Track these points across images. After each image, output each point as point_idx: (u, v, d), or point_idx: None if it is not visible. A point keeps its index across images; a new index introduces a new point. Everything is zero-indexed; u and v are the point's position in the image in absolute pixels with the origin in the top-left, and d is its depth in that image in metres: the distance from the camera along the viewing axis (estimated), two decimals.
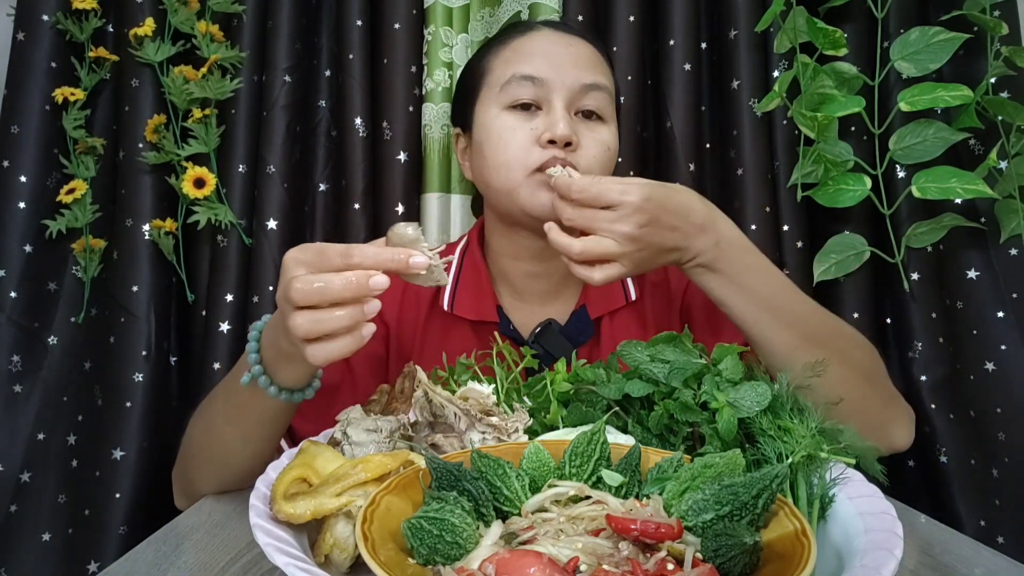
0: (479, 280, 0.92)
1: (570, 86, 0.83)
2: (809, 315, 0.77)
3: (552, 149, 0.80)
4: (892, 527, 0.45)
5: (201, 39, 1.16)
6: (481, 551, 0.41)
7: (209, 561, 0.56)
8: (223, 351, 1.13)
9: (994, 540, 1.04)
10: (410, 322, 0.92)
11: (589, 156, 0.83)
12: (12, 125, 1.15)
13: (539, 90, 0.83)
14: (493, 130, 0.84)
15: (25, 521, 1.12)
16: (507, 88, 0.84)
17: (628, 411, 0.63)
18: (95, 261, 1.17)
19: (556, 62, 0.83)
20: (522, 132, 0.82)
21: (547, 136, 0.80)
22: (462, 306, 0.91)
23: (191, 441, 0.77)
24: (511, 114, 0.84)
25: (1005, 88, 1.08)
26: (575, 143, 0.81)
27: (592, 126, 0.84)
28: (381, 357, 0.91)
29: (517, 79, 0.83)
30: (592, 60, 0.86)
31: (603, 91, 0.85)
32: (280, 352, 0.61)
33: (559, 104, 0.82)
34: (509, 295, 0.94)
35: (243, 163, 1.17)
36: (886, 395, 0.82)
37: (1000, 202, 1.07)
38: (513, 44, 0.87)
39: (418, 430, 0.62)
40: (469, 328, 0.90)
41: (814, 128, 1.06)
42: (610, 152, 0.85)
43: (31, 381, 1.15)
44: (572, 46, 0.86)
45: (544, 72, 0.83)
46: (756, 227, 1.15)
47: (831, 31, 1.07)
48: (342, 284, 0.53)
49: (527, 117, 0.83)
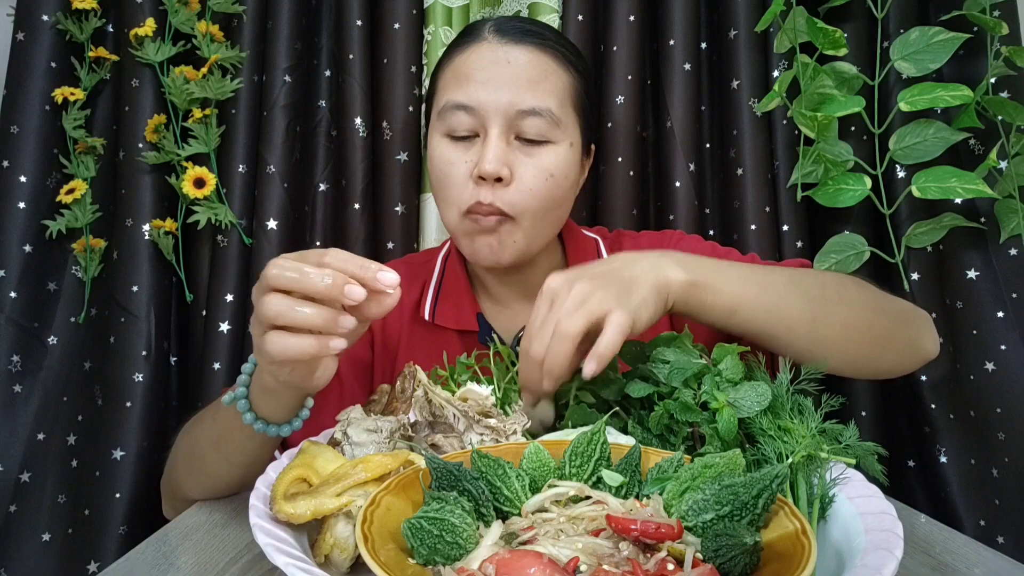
0: (459, 288, 0.91)
1: (504, 112, 0.78)
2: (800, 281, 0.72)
3: (483, 185, 0.78)
4: (892, 527, 0.45)
5: (201, 39, 1.16)
6: (481, 551, 0.41)
7: (209, 561, 0.56)
8: (223, 351, 1.13)
9: (994, 540, 1.04)
10: (394, 332, 0.92)
11: (524, 189, 0.79)
12: (12, 125, 1.15)
13: (473, 119, 0.79)
14: (435, 160, 0.83)
15: (25, 521, 1.12)
16: (444, 116, 0.81)
17: (628, 411, 0.63)
18: (95, 261, 1.17)
19: (492, 85, 0.79)
20: (458, 167, 0.80)
21: (476, 172, 0.78)
22: (443, 315, 0.90)
23: (177, 458, 0.76)
24: (449, 144, 0.82)
25: (1005, 88, 1.08)
26: (507, 177, 0.78)
27: (532, 151, 0.80)
28: (367, 360, 0.91)
29: (451, 108, 0.80)
30: (534, 75, 0.80)
31: (541, 116, 0.79)
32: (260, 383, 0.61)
33: (494, 133, 0.78)
34: (489, 301, 0.93)
35: (243, 163, 1.17)
36: (899, 314, 0.78)
37: (1000, 202, 1.07)
38: (454, 63, 0.84)
39: (418, 430, 0.62)
40: (454, 336, 0.90)
41: (814, 128, 1.06)
42: (554, 178, 0.81)
43: (31, 381, 1.15)
44: (512, 62, 0.80)
45: (478, 99, 0.79)
46: (756, 227, 1.15)
47: (831, 31, 1.07)
48: (318, 275, 0.52)
49: (465, 147, 0.81)
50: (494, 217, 0.79)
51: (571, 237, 0.95)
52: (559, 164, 0.81)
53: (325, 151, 1.22)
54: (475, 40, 0.83)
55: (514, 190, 0.79)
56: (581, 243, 0.95)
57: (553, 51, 0.83)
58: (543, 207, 0.81)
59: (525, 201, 0.79)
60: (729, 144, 1.19)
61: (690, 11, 1.19)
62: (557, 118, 0.80)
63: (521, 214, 0.80)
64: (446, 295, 0.91)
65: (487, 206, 0.78)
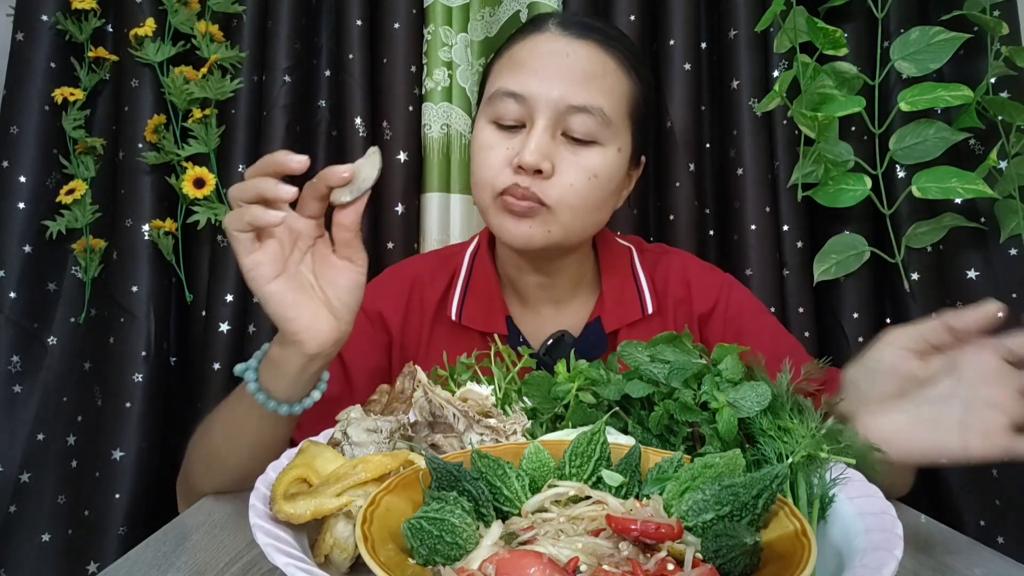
0: (489, 288, 0.88)
1: (555, 106, 0.76)
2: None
3: (521, 175, 0.76)
4: (892, 527, 0.45)
5: (201, 39, 1.16)
6: (481, 551, 0.41)
7: (209, 561, 0.56)
8: (223, 351, 1.13)
9: (994, 540, 1.04)
10: (414, 331, 0.89)
11: (564, 185, 0.76)
12: (12, 125, 1.15)
13: (523, 108, 0.77)
14: (476, 144, 0.81)
15: (25, 521, 1.12)
16: (492, 102, 0.79)
17: (628, 411, 0.63)
18: (95, 261, 1.17)
19: (547, 75, 0.77)
20: (497, 152, 0.78)
21: (516, 161, 0.76)
22: (470, 316, 0.86)
23: (192, 455, 0.76)
24: (493, 130, 0.79)
25: (1005, 88, 1.08)
26: (547, 171, 0.75)
27: (577, 150, 0.77)
28: (383, 368, 0.88)
29: (501, 95, 0.78)
30: (592, 72, 0.77)
31: (592, 114, 0.76)
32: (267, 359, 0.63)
33: (540, 125, 0.76)
34: (519, 304, 0.89)
35: (243, 163, 1.17)
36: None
37: (1000, 202, 1.07)
38: (512, 50, 0.81)
39: (418, 430, 0.62)
40: (477, 338, 0.86)
41: (814, 128, 1.06)
42: (597, 179, 0.78)
43: (31, 381, 1.15)
44: (572, 54, 0.77)
45: (529, 88, 0.76)
46: (756, 227, 1.15)
47: (831, 31, 1.07)
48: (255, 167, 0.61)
49: (509, 135, 0.78)
50: (527, 203, 0.76)
51: (605, 245, 0.91)
52: (604, 166, 0.78)
53: (325, 151, 1.22)
54: (537, 30, 0.81)
55: (554, 183, 0.76)
56: (615, 252, 0.92)
57: (616, 51, 0.80)
58: (582, 205, 0.78)
59: (564, 195, 0.77)
60: (729, 144, 1.19)
61: (690, 11, 1.19)
62: (608, 119, 0.77)
63: (558, 206, 0.77)
64: (474, 295, 0.88)
65: (523, 189, 0.76)
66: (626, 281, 0.89)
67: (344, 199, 0.62)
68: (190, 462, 0.76)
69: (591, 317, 0.88)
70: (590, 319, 0.88)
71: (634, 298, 0.88)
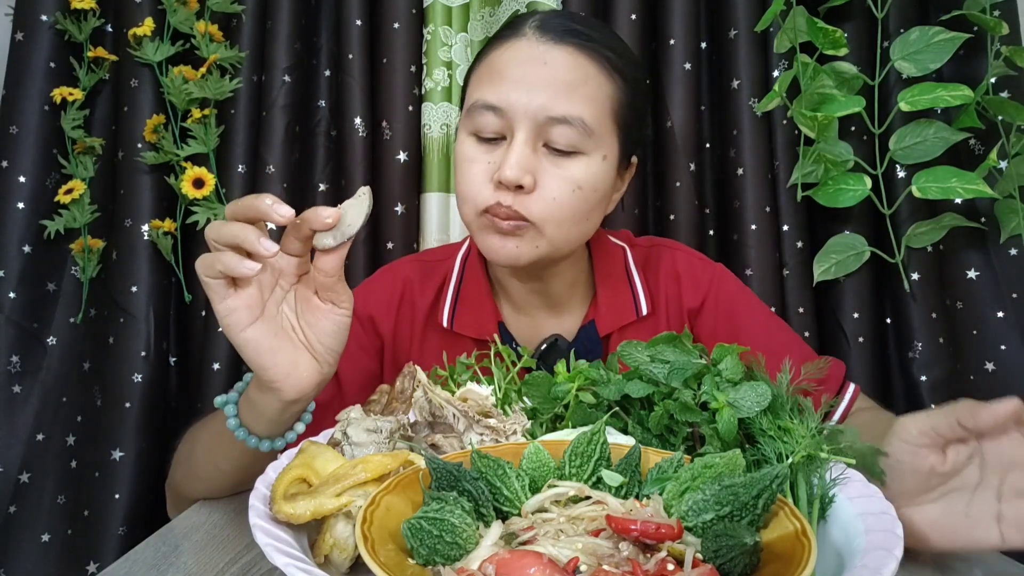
0: (480, 294, 0.86)
1: (534, 117, 0.73)
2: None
3: (503, 191, 0.74)
4: (892, 527, 0.45)
5: (200, 39, 1.16)
6: (481, 551, 0.41)
7: (209, 561, 0.56)
8: (222, 351, 1.13)
9: None
10: (406, 337, 0.88)
11: (547, 199, 0.74)
12: (11, 125, 1.15)
13: (502, 120, 0.74)
14: (458, 156, 0.79)
15: (24, 522, 1.12)
16: (471, 114, 0.76)
17: (628, 411, 0.63)
18: (94, 261, 1.17)
19: (525, 86, 0.73)
20: (479, 166, 0.76)
21: (497, 176, 0.73)
22: (462, 323, 0.85)
23: (177, 460, 0.76)
24: (474, 143, 0.77)
25: (1005, 88, 1.08)
26: (529, 186, 0.73)
27: (559, 161, 0.74)
28: (374, 373, 0.87)
29: (479, 107, 0.75)
30: (571, 80, 0.74)
31: (572, 125, 0.73)
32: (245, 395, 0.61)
33: (520, 138, 0.73)
34: (511, 309, 0.88)
35: (242, 163, 1.17)
36: None
37: (1000, 202, 1.07)
38: (490, 58, 0.78)
39: (418, 430, 0.62)
40: (470, 344, 0.84)
41: (814, 128, 1.06)
42: (581, 191, 0.75)
43: (30, 381, 1.15)
44: (551, 62, 0.74)
45: (508, 100, 0.73)
46: (756, 227, 1.15)
47: (831, 31, 1.07)
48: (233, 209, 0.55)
49: (490, 148, 0.76)
50: (512, 221, 0.74)
51: (599, 246, 0.90)
52: (588, 177, 0.76)
53: (325, 151, 1.22)
54: (515, 35, 0.77)
55: (536, 198, 0.74)
56: (609, 253, 0.90)
57: (597, 54, 0.76)
58: (568, 218, 0.76)
59: (548, 210, 0.74)
60: (729, 144, 1.19)
61: (690, 11, 1.19)
62: (590, 128, 0.74)
63: (543, 222, 0.75)
64: (465, 301, 0.86)
65: (506, 208, 0.74)
66: (620, 283, 0.88)
67: (327, 243, 0.56)
68: (175, 473, 0.76)
69: (585, 320, 0.87)
70: (584, 322, 0.87)
71: (628, 300, 0.87)
